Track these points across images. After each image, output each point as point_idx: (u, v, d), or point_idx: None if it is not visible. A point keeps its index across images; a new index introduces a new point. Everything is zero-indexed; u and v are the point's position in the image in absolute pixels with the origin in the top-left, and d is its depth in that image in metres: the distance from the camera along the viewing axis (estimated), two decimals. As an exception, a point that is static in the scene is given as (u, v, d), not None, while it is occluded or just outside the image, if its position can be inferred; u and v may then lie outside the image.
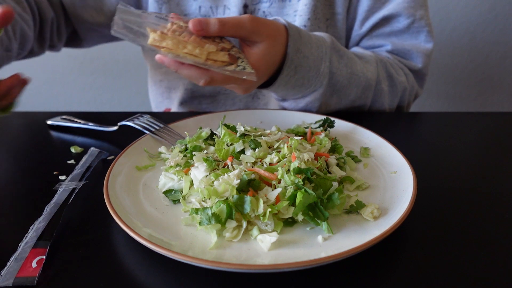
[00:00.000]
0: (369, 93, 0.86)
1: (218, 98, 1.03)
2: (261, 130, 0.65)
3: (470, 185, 0.62)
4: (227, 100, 1.03)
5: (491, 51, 1.75)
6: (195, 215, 0.49)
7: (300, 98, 0.80)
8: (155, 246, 0.43)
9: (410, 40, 0.92)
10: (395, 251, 0.47)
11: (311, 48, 0.73)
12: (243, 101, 1.02)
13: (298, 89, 0.77)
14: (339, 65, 0.78)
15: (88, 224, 0.52)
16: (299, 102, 0.81)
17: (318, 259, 0.41)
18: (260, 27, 0.64)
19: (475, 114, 0.90)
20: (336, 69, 0.78)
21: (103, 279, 0.43)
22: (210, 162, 0.55)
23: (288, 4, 0.92)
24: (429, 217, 0.54)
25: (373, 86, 0.85)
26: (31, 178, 0.63)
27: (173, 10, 0.95)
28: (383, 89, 0.87)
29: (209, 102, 1.03)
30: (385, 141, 0.67)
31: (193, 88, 1.01)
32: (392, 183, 0.57)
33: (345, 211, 0.51)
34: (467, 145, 0.76)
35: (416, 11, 0.89)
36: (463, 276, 0.44)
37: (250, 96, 1.02)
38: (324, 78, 0.76)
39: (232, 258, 0.44)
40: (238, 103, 1.03)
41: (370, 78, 0.84)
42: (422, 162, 0.66)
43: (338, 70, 0.78)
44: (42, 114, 0.87)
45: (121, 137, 0.75)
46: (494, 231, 0.51)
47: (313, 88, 0.77)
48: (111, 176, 0.56)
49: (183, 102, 1.04)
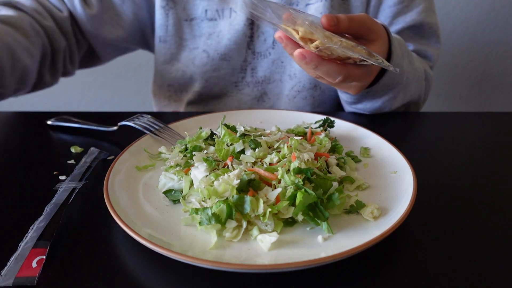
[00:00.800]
0: (421, 88, 0.90)
1: (224, 100, 1.04)
2: (261, 130, 0.65)
3: (470, 185, 0.62)
4: (233, 102, 1.03)
5: (491, 51, 1.75)
6: (195, 215, 0.49)
7: (379, 97, 0.82)
8: (155, 246, 0.43)
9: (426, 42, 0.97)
10: (395, 251, 0.47)
11: (397, 46, 0.75)
12: (248, 103, 1.03)
13: (386, 86, 0.79)
14: (407, 62, 0.81)
15: (88, 224, 0.52)
16: (376, 102, 0.82)
17: (318, 259, 0.41)
18: (375, 26, 0.66)
19: (475, 114, 0.90)
20: (406, 66, 0.80)
21: (103, 279, 0.43)
22: (210, 162, 0.55)
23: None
24: (429, 217, 0.54)
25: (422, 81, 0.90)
26: (31, 178, 0.63)
27: (179, 14, 0.96)
28: (423, 84, 0.92)
29: (216, 103, 1.04)
30: (385, 141, 0.67)
31: (201, 91, 1.02)
32: (392, 183, 0.57)
33: (345, 211, 0.51)
34: (467, 145, 0.76)
35: (432, 18, 0.95)
36: (463, 276, 0.44)
37: (256, 98, 1.02)
38: (404, 75, 0.79)
39: (232, 258, 0.44)
40: (244, 105, 1.03)
41: (421, 73, 0.88)
42: (422, 162, 0.66)
43: (407, 67, 0.81)
44: (42, 114, 0.87)
45: (121, 137, 0.75)
46: (494, 231, 0.51)
47: (394, 85, 0.79)
48: (111, 176, 0.56)
49: (190, 104, 1.04)
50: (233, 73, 1.01)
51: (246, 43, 0.97)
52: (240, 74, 1.01)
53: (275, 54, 0.98)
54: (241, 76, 1.01)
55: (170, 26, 0.97)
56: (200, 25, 0.97)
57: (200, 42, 0.98)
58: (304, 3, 0.94)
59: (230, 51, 0.97)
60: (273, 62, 0.99)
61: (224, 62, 0.99)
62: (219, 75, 1.00)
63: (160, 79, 1.06)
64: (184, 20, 0.97)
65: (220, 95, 1.03)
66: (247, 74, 1.01)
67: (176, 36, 0.98)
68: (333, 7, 0.92)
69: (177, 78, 1.03)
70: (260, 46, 0.98)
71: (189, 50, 0.99)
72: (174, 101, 1.07)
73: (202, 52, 0.98)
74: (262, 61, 0.99)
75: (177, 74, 1.01)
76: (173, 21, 0.97)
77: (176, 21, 0.97)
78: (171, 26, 0.97)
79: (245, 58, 0.99)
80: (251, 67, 1.00)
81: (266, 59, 0.99)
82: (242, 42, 0.96)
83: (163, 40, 0.99)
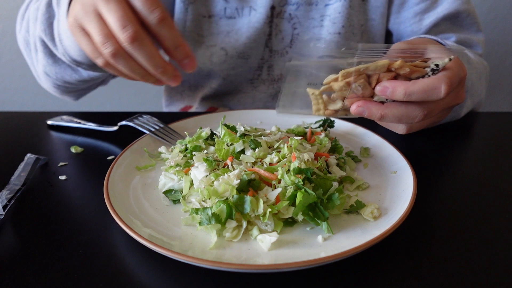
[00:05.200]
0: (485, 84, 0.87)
1: (238, 96, 1.03)
2: (261, 130, 0.65)
3: (470, 185, 0.62)
4: (247, 99, 1.03)
5: (491, 51, 1.75)
6: (195, 215, 0.49)
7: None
8: (155, 246, 0.43)
9: (468, 32, 0.95)
10: (395, 251, 0.47)
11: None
12: (263, 101, 1.03)
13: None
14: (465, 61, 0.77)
15: (88, 224, 0.52)
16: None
17: (318, 259, 0.41)
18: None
19: (475, 114, 0.90)
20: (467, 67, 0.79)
21: (103, 279, 0.43)
22: (210, 162, 0.55)
23: (314, 8, 0.94)
24: (429, 217, 0.54)
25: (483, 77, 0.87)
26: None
27: (199, 10, 0.95)
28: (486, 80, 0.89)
29: (230, 99, 1.04)
30: (385, 141, 0.67)
31: (218, 88, 1.01)
32: (392, 183, 0.57)
33: (345, 211, 0.51)
34: (467, 145, 0.76)
35: (468, 5, 0.92)
36: (463, 276, 0.44)
37: (271, 96, 1.02)
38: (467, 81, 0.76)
39: (232, 258, 0.44)
40: (258, 103, 1.03)
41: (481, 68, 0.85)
42: (422, 162, 0.66)
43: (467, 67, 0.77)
44: (42, 114, 0.87)
45: (121, 137, 0.75)
46: (494, 230, 0.51)
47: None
48: (111, 176, 0.56)
49: (204, 99, 1.04)
50: (250, 70, 1.00)
51: (265, 41, 0.97)
52: (257, 71, 1.01)
53: (293, 53, 0.98)
54: (257, 74, 1.01)
55: (189, 21, 0.95)
56: (218, 22, 0.96)
57: (218, 39, 0.97)
58: (324, 4, 0.94)
59: (248, 49, 0.97)
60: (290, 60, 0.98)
61: (241, 60, 0.98)
62: (236, 73, 1.00)
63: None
64: (203, 17, 0.96)
65: (235, 92, 1.03)
66: (263, 72, 1.01)
67: (194, 32, 0.97)
68: (352, 7, 0.92)
69: (193, 74, 1.02)
70: (277, 44, 0.98)
71: (206, 47, 0.98)
72: (187, 96, 1.07)
73: (220, 49, 0.97)
74: (279, 59, 0.99)
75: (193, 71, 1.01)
76: (192, 16, 0.95)
77: (195, 17, 0.95)
78: (189, 21, 0.95)
79: (262, 56, 0.99)
80: (268, 65, 1.00)
81: (283, 58, 0.99)
82: (260, 40, 0.96)
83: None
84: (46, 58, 0.77)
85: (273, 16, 0.94)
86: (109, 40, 0.52)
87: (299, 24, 0.95)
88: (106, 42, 0.52)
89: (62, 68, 0.77)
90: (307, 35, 0.96)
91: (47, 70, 0.79)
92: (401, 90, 0.49)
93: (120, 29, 0.51)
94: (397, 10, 0.94)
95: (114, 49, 0.53)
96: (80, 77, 0.79)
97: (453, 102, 0.56)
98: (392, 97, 0.50)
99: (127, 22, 0.51)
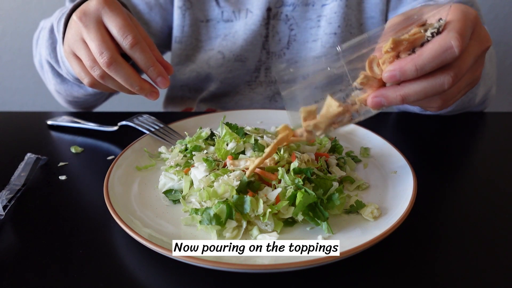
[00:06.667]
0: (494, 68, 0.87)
1: (236, 98, 1.03)
2: (261, 130, 0.65)
3: (470, 185, 0.62)
4: (245, 101, 1.03)
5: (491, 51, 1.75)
6: (195, 215, 0.49)
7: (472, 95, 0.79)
8: (155, 246, 0.43)
9: None
10: (395, 251, 0.47)
11: None
12: (260, 103, 1.03)
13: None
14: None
15: (88, 224, 0.52)
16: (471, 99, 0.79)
17: (318, 259, 0.41)
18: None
19: (475, 114, 0.90)
20: None
21: (103, 279, 0.43)
22: (210, 162, 0.55)
23: (311, 8, 0.93)
24: (429, 217, 0.54)
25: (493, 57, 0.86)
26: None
27: (196, 15, 0.96)
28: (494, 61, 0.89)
29: (228, 101, 1.04)
30: (385, 141, 0.67)
31: (216, 91, 1.02)
32: (392, 183, 0.57)
33: (345, 211, 0.51)
34: (467, 145, 0.76)
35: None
36: (463, 276, 0.44)
37: (268, 98, 1.02)
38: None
39: (232, 258, 0.44)
40: (256, 104, 1.03)
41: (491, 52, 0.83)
42: (422, 162, 0.66)
43: None
44: (42, 114, 0.87)
45: (121, 137, 0.75)
46: (495, 231, 0.51)
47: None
48: (111, 176, 0.56)
49: (202, 101, 1.04)
50: (247, 73, 1.00)
51: (261, 43, 0.97)
52: (254, 74, 1.01)
53: (290, 54, 0.98)
54: (255, 76, 1.01)
55: (187, 26, 0.96)
56: (215, 26, 0.97)
57: (215, 43, 0.98)
58: (320, 4, 0.93)
59: (246, 52, 0.97)
60: (287, 62, 0.98)
61: (239, 63, 0.98)
62: (234, 76, 1.00)
63: (172, 80, 1.05)
64: (200, 21, 0.97)
65: (232, 94, 1.03)
66: (260, 74, 1.01)
67: (192, 37, 0.98)
68: (349, 6, 0.92)
69: (191, 78, 1.02)
70: (274, 46, 0.98)
71: (204, 52, 0.99)
72: (188, 98, 1.07)
73: (217, 53, 0.98)
74: (276, 61, 0.99)
75: (191, 75, 1.01)
76: (190, 22, 0.96)
77: (192, 22, 0.96)
78: (187, 26, 0.96)
79: (259, 58, 0.99)
80: (265, 67, 1.00)
81: (281, 59, 0.99)
82: (257, 42, 0.96)
83: (178, 41, 0.99)
84: (55, 78, 0.84)
85: (269, 18, 0.94)
86: (95, 64, 0.60)
87: (295, 25, 0.95)
88: (94, 67, 0.60)
89: (69, 86, 0.84)
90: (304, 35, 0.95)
91: (58, 89, 0.86)
92: (410, 67, 0.43)
93: (98, 55, 0.58)
94: (395, 5, 0.94)
95: (101, 72, 0.60)
96: (86, 92, 0.84)
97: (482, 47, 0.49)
98: (405, 78, 0.44)
99: (104, 49, 0.58)
